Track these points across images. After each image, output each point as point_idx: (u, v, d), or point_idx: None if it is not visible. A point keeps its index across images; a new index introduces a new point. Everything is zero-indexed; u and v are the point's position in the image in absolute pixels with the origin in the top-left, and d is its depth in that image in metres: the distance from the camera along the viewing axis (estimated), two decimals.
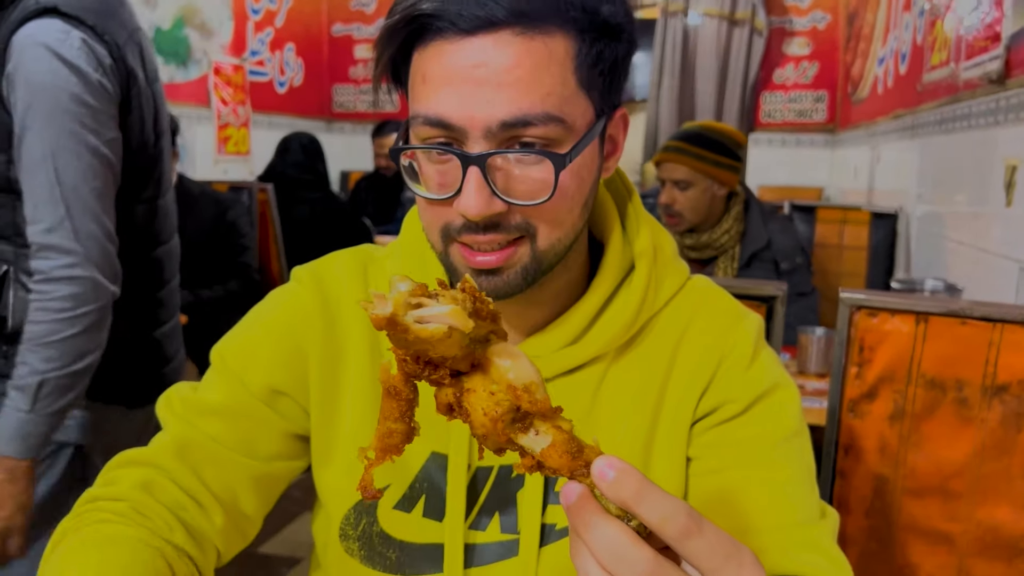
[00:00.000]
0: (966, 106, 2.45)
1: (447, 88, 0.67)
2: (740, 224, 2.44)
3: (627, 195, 0.85)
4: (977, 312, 1.23)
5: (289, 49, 5.24)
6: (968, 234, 2.39)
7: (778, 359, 0.84)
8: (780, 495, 0.77)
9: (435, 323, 0.47)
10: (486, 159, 0.67)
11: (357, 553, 0.82)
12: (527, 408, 0.50)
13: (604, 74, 0.71)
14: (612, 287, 0.80)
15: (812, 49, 5.12)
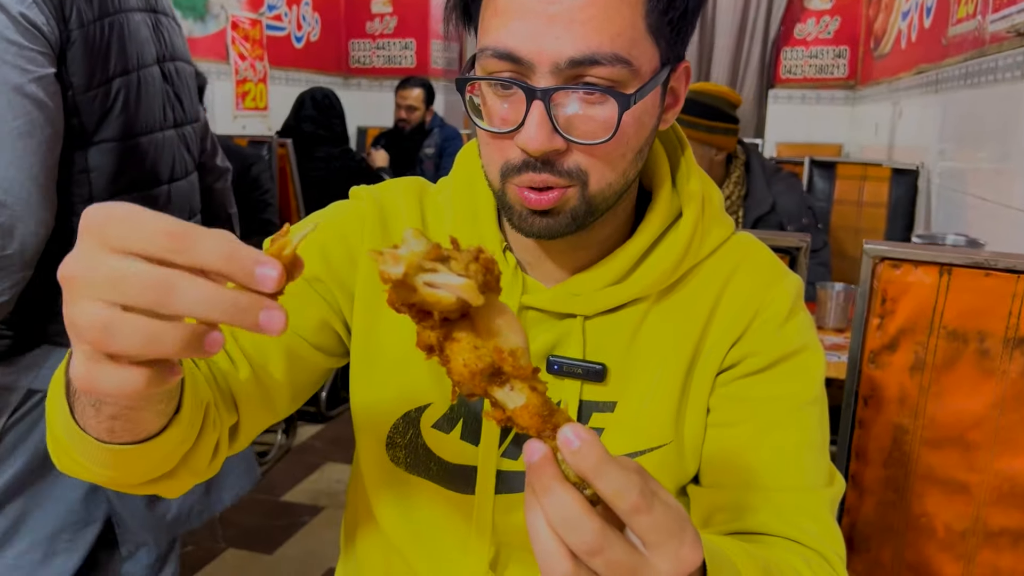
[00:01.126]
0: (992, 60, 2.42)
1: (518, 21, 0.67)
2: (741, 187, 2.43)
3: (679, 148, 0.85)
4: (1001, 263, 1.23)
5: (306, 4, 5.20)
6: (990, 190, 2.38)
7: (812, 324, 0.85)
8: (788, 458, 0.79)
9: (445, 291, 0.47)
10: (551, 94, 0.67)
11: (403, 461, 0.85)
12: (508, 371, 0.51)
13: (673, 23, 0.72)
14: (659, 231, 0.81)
15: (834, 3, 5.05)
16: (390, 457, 0.86)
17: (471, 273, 0.48)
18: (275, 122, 4.71)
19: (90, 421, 0.59)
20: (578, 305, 0.80)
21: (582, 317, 0.81)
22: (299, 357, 0.83)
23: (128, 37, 1.37)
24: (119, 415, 0.57)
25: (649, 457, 0.81)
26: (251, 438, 0.82)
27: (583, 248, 0.81)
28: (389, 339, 0.84)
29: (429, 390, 0.84)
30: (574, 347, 0.81)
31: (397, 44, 5.73)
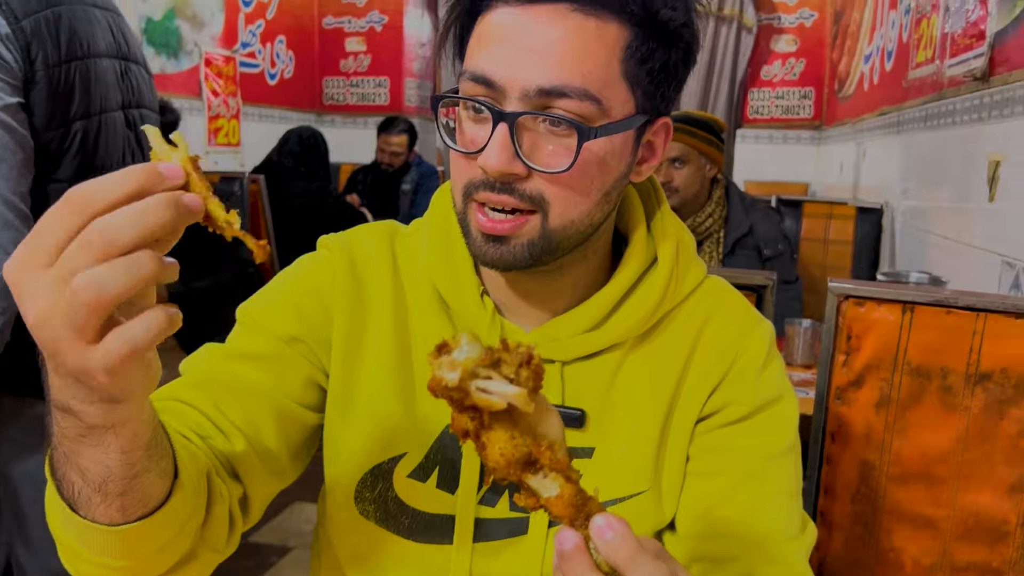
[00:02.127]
0: (950, 103, 2.49)
1: (496, 48, 0.70)
2: (722, 208, 2.50)
3: (654, 194, 0.87)
4: (961, 302, 1.26)
5: (280, 41, 5.23)
6: (952, 229, 2.44)
7: (785, 369, 0.87)
8: (764, 509, 0.80)
9: (497, 398, 0.48)
10: (516, 118, 0.69)
11: (373, 515, 0.83)
12: (545, 464, 0.52)
13: (652, 74, 0.74)
14: (635, 276, 0.82)
15: (799, 46, 5.17)
16: (359, 511, 0.84)
17: (522, 380, 0.49)
18: (248, 158, 4.71)
19: (98, 508, 0.58)
20: (556, 351, 0.81)
21: (560, 363, 0.81)
22: (291, 419, 0.82)
23: (93, 81, 1.38)
24: (126, 489, 0.57)
25: (627, 505, 0.81)
26: (263, 507, 0.81)
27: (558, 292, 0.81)
28: (364, 390, 0.83)
29: (404, 440, 0.83)
30: (553, 393, 0.81)
31: (371, 82, 5.77)
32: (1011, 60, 2.02)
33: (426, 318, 0.84)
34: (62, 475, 0.58)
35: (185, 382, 0.79)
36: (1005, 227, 2.01)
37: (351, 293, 0.84)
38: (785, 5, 5.16)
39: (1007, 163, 2.01)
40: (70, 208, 0.47)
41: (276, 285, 0.87)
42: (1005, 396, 1.27)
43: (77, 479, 0.57)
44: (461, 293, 0.82)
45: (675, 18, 0.73)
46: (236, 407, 0.77)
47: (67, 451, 0.56)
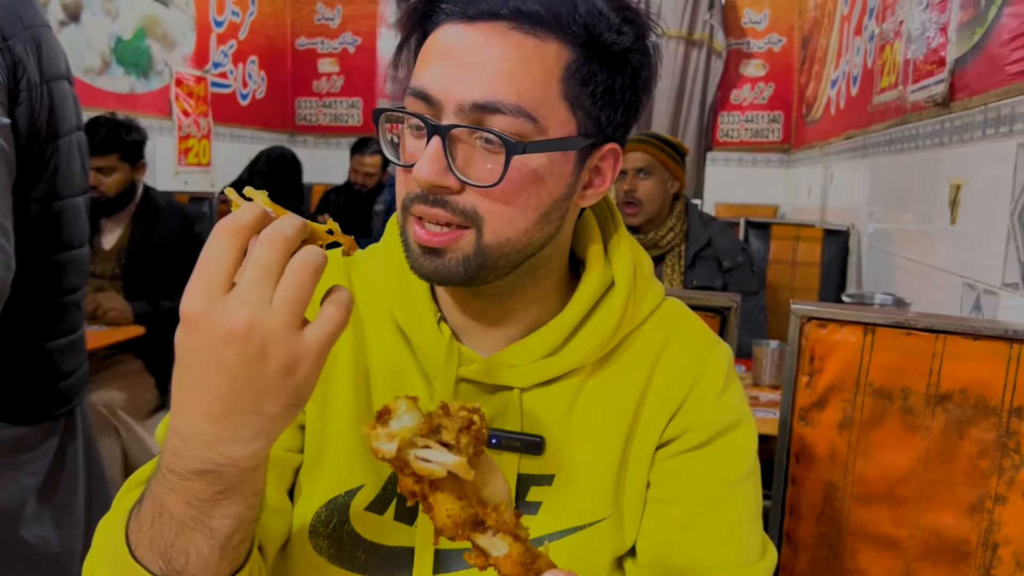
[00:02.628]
0: (913, 127, 2.54)
1: (435, 64, 0.71)
2: (683, 223, 2.55)
3: (610, 217, 0.86)
4: (921, 323, 1.28)
5: (252, 62, 5.22)
6: (916, 251, 2.48)
7: (744, 393, 0.87)
8: (724, 536, 0.80)
9: (436, 467, 0.49)
10: (448, 131, 0.69)
11: (326, 551, 0.82)
12: (492, 525, 0.52)
13: (596, 97, 0.73)
14: (592, 301, 0.81)
15: (768, 71, 5.25)
16: (313, 547, 0.82)
17: (462, 447, 0.50)
18: (219, 178, 4.68)
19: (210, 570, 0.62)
20: (514, 377, 0.80)
21: (519, 389, 0.80)
22: (287, 470, 0.82)
23: (61, 101, 1.39)
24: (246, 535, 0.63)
25: (588, 532, 0.80)
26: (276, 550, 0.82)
27: (512, 315, 0.81)
28: (321, 421, 0.83)
29: (362, 472, 0.81)
30: (512, 420, 0.80)
31: (344, 103, 5.77)
32: (970, 86, 2.07)
33: (384, 345, 0.84)
34: (172, 549, 0.61)
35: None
36: (966, 249, 2.04)
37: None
38: (754, 30, 5.24)
39: (967, 187, 2.05)
40: (225, 236, 0.57)
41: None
42: (964, 417, 1.28)
43: (199, 544, 0.60)
44: (418, 319, 0.82)
45: (619, 42, 0.73)
46: None
47: (192, 518, 0.59)
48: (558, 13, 0.70)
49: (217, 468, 0.57)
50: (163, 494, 0.60)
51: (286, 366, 0.55)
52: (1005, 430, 1.27)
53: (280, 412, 0.56)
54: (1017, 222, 1.72)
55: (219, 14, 4.83)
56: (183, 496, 0.59)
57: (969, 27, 2.09)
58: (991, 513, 1.29)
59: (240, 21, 5.07)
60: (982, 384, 1.27)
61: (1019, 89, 1.75)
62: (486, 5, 0.70)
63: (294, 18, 5.70)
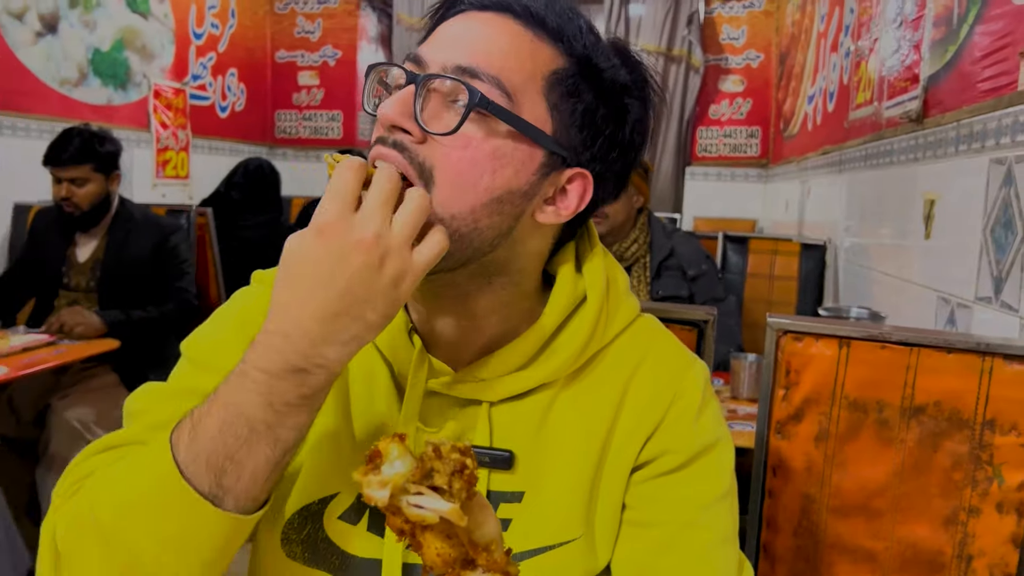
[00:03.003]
0: (888, 143, 2.57)
1: (437, 36, 0.76)
2: (646, 235, 2.59)
3: (585, 232, 0.86)
4: (895, 336, 1.29)
5: (231, 74, 5.21)
6: (891, 265, 2.50)
7: (721, 411, 0.86)
8: (702, 558, 0.79)
9: (430, 512, 0.49)
10: (423, 80, 0.72)
11: (300, 556, 0.81)
12: (482, 564, 0.52)
13: (575, 113, 0.75)
14: (564, 314, 0.81)
15: (746, 86, 5.30)
16: (286, 553, 0.82)
17: (455, 491, 0.50)
18: (197, 191, 4.66)
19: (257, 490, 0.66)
20: (484, 391, 0.79)
21: (488, 403, 0.80)
22: None
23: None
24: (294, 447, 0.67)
25: (559, 552, 0.79)
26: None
27: (479, 324, 0.80)
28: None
29: (337, 480, 0.81)
30: (481, 434, 0.79)
31: (324, 116, 5.76)
32: (943, 103, 2.10)
33: (359, 356, 0.83)
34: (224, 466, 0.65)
35: (146, 424, 0.77)
36: (940, 264, 2.07)
37: None
38: (732, 46, 5.29)
39: (941, 202, 2.08)
40: (351, 168, 0.66)
41: (217, 320, 0.86)
42: (939, 429, 1.29)
43: (259, 457, 0.65)
44: (390, 331, 0.81)
45: (614, 76, 0.77)
46: None
47: (266, 424, 0.64)
48: (561, 24, 0.75)
49: (312, 367, 0.64)
50: (242, 396, 0.65)
51: (396, 277, 0.64)
52: (978, 443, 1.28)
53: (376, 320, 0.65)
54: (989, 237, 1.74)
55: (199, 26, 4.82)
56: (267, 397, 0.64)
57: (942, 45, 2.12)
58: (965, 525, 1.30)
59: (220, 33, 5.06)
60: (956, 397, 1.28)
61: (991, 106, 1.77)
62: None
63: (274, 31, 5.69)
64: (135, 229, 2.89)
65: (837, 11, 3.45)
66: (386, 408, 0.82)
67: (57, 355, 2.41)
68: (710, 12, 5.27)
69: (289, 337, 0.64)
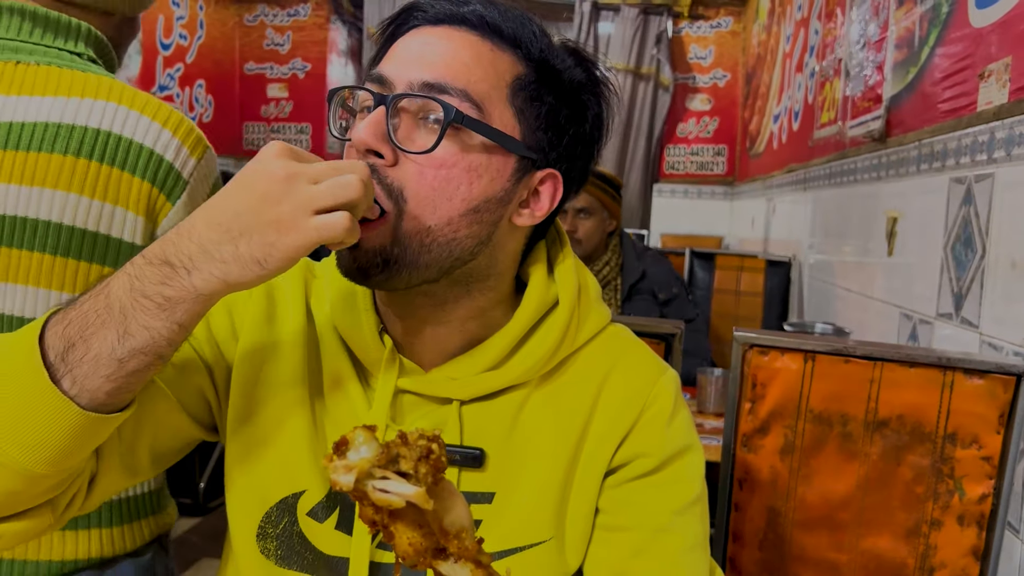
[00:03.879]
0: (852, 162, 2.62)
1: (397, 54, 0.76)
2: (618, 257, 2.60)
3: (558, 239, 0.88)
4: (859, 351, 1.31)
5: (199, 85, 5.17)
6: (855, 282, 2.54)
7: (692, 419, 0.87)
8: (673, 563, 0.80)
9: (395, 496, 0.49)
10: (393, 100, 0.72)
11: (274, 553, 0.82)
12: (453, 552, 0.52)
13: (540, 116, 0.77)
14: (535, 317, 0.82)
15: (713, 105, 5.37)
16: (260, 549, 0.82)
17: (420, 476, 0.50)
18: None
19: (91, 381, 0.64)
20: (454, 389, 0.80)
21: (458, 402, 0.81)
22: (164, 412, 0.81)
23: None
24: (141, 368, 0.66)
25: (529, 554, 0.80)
26: (105, 496, 0.80)
27: (452, 329, 0.81)
28: (267, 422, 0.82)
29: (305, 476, 0.81)
30: (451, 432, 0.80)
31: (293, 128, 5.74)
32: (905, 123, 2.14)
33: (332, 358, 0.84)
34: (75, 339, 0.64)
35: None
36: (902, 280, 2.10)
37: (261, 322, 0.84)
38: (700, 65, 5.36)
39: (903, 220, 2.12)
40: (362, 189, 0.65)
41: None
42: (901, 443, 1.31)
43: (104, 342, 0.64)
44: (360, 332, 0.82)
45: (572, 71, 0.78)
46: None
47: (121, 308, 0.64)
48: (517, 30, 0.76)
49: (181, 264, 0.64)
50: (116, 276, 0.66)
51: (280, 223, 0.63)
52: (940, 456, 1.30)
53: (244, 254, 0.63)
54: (950, 254, 1.77)
55: (166, 37, 4.78)
56: (132, 280, 0.65)
57: (904, 66, 2.16)
58: (927, 537, 1.32)
59: (188, 44, 5.02)
60: (918, 410, 1.30)
61: (951, 126, 1.81)
62: (452, 9, 0.76)
63: (243, 43, 5.67)
64: None
65: (803, 32, 3.52)
66: (356, 406, 0.82)
67: None
68: (678, 31, 5.34)
69: (180, 233, 0.65)
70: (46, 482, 0.68)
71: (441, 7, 0.76)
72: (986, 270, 1.60)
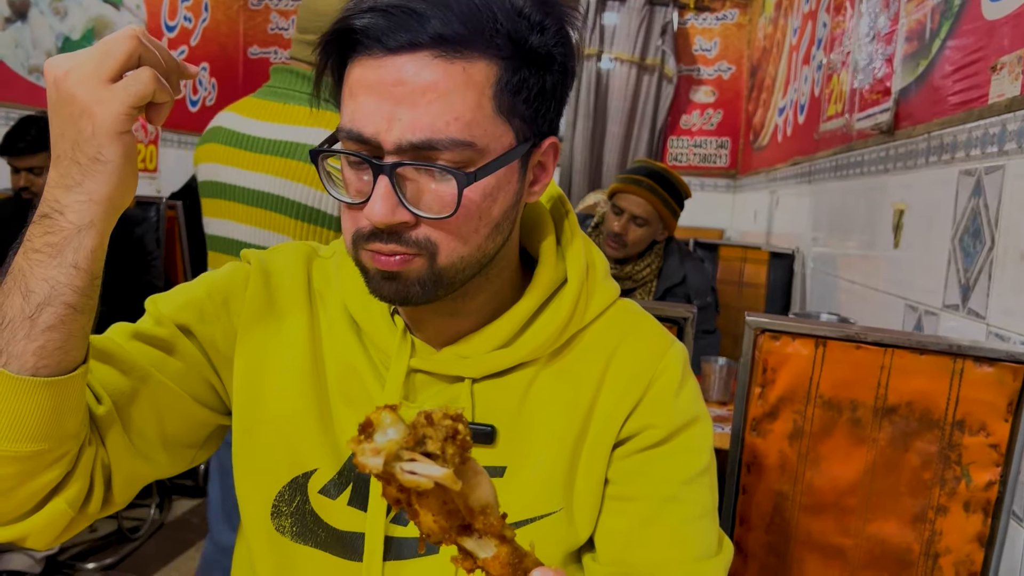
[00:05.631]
0: (859, 154, 2.62)
1: (366, 104, 0.70)
2: (659, 260, 2.58)
3: (564, 215, 0.88)
4: (870, 337, 1.32)
5: (203, 68, 5.15)
6: (859, 273, 2.55)
7: (699, 391, 0.88)
8: (682, 532, 0.82)
9: (424, 479, 0.49)
10: (394, 169, 0.69)
11: (289, 530, 0.83)
12: (479, 528, 0.52)
13: (529, 101, 0.73)
14: (544, 295, 0.83)
15: (717, 98, 5.36)
16: (275, 527, 0.84)
17: (448, 457, 0.50)
18: (165, 184, 4.60)
19: (18, 344, 0.66)
20: (466, 368, 0.81)
21: (470, 380, 0.82)
22: (171, 402, 0.81)
23: None
24: (57, 323, 0.66)
25: (539, 525, 0.81)
26: (128, 490, 0.80)
27: (466, 312, 0.82)
28: (273, 404, 0.84)
29: (316, 455, 0.82)
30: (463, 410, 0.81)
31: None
32: (914, 115, 2.15)
33: (338, 339, 0.85)
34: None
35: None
36: (908, 272, 2.11)
37: (261, 306, 0.85)
38: (705, 58, 5.35)
39: (910, 212, 2.12)
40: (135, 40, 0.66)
41: (188, 284, 0.89)
42: (910, 429, 1.32)
43: (15, 302, 0.66)
44: (371, 312, 0.83)
45: (545, 42, 0.73)
46: (112, 374, 0.78)
47: (19, 270, 0.66)
48: (480, 28, 0.69)
49: (51, 212, 0.67)
50: (15, 251, 0.68)
51: (84, 111, 0.65)
52: (948, 443, 1.31)
53: (86, 163, 0.66)
54: (958, 245, 1.78)
55: (171, 19, 4.77)
56: (24, 244, 0.67)
57: (914, 59, 2.17)
58: (933, 523, 1.33)
59: (192, 27, 5.01)
60: (927, 398, 1.31)
61: (962, 118, 1.82)
62: (406, 36, 0.68)
63: (247, 27, 5.64)
64: None
65: (810, 25, 3.52)
66: (368, 385, 0.83)
67: None
68: (683, 23, 5.33)
69: (45, 187, 0.68)
70: (31, 463, 0.68)
71: (394, 34, 0.68)
72: (995, 261, 1.61)
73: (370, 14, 0.69)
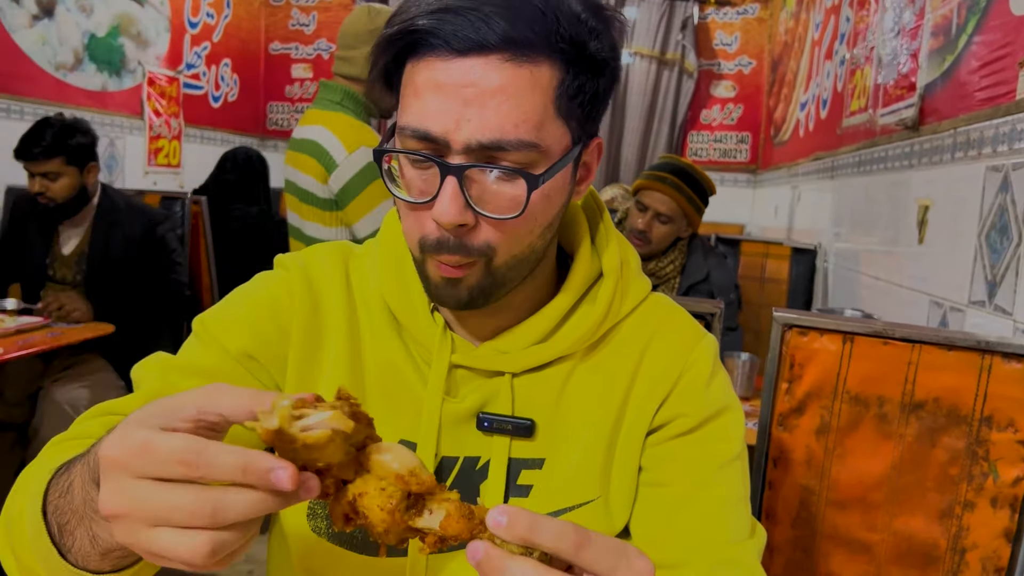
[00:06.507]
0: (882, 150, 2.61)
1: (434, 104, 0.70)
2: (683, 257, 2.59)
3: (598, 212, 0.90)
4: (898, 333, 1.32)
5: (225, 64, 5.19)
6: (882, 269, 2.54)
7: (730, 381, 0.90)
8: (715, 515, 0.83)
9: (319, 428, 0.51)
10: (464, 171, 0.70)
11: (325, 531, 0.84)
12: (417, 490, 0.54)
13: (583, 105, 0.75)
14: (580, 292, 0.85)
15: (738, 92, 5.34)
16: (312, 528, 0.85)
17: (337, 407, 0.52)
18: (188, 180, 4.64)
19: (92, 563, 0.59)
20: (506, 363, 0.83)
21: (510, 374, 0.84)
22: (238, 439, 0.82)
23: None
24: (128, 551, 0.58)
25: (577, 513, 0.84)
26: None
27: (506, 309, 0.84)
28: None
29: None
30: (503, 404, 0.83)
31: None
32: (940, 111, 2.14)
33: (378, 336, 0.86)
34: (65, 527, 0.60)
35: (137, 397, 0.79)
36: (933, 268, 2.11)
37: (308, 311, 0.86)
38: (725, 52, 5.34)
39: (935, 208, 2.12)
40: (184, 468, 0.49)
41: (233, 300, 0.88)
42: (937, 425, 1.33)
43: (83, 539, 0.59)
44: (413, 309, 0.85)
45: (601, 47, 0.74)
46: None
47: (83, 515, 0.58)
48: (546, 33, 0.70)
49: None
50: (78, 475, 0.60)
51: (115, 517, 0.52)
52: (975, 438, 1.31)
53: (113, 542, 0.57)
54: (984, 241, 1.78)
55: (194, 15, 4.80)
56: (83, 491, 0.58)
57: (940, 54, 2.16)
58: (960, 519, 1.34)
59: (215, 23, 5.04)
60: (954, 393, 1.31)
61: (988, 114, 1.81)
62: (476, 37, 0.68)
63: (269, 22, 5.68)
64: (119, 220, 2.86)
65: (832, 20, 3.50)
66: (410, 382, 0.85)
67: (52, 338, 2.40)
68: (704, 17, 5.31)
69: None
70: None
71: (463, 36, 0.68)
72: (1022, 258, 1.60)
73: (437, 15, 0.69)
